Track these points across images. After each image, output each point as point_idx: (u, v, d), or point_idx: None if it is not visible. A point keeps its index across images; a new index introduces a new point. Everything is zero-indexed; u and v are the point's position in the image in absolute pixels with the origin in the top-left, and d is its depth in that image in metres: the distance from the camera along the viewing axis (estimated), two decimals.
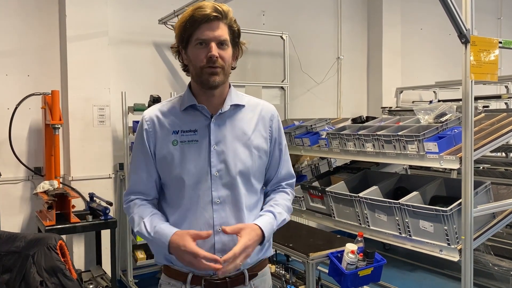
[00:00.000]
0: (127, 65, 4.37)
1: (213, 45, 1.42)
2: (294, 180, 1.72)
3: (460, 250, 2.36)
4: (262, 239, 1.48)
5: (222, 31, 1.44)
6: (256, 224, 1.48)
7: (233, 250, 1.38)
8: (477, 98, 4.39)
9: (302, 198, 3.46)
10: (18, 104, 3.75)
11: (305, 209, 3.48)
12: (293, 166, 4.25)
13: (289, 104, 5.19)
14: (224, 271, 1.37)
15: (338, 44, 5.74)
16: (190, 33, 1.44)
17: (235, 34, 1.49)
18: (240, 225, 1.46)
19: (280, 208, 1.58)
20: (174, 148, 1.48)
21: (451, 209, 2.40)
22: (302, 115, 5.20)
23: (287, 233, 2.97)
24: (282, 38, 5.12)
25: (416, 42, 6.21)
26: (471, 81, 2.23)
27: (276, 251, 3.19)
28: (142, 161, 1.52)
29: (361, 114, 5.32)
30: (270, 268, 3.21)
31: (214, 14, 1.41)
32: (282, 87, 5.20)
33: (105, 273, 3.77)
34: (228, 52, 1.46)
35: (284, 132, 1.70)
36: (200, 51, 1.43)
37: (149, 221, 1.46)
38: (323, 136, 3.48)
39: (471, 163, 2.27)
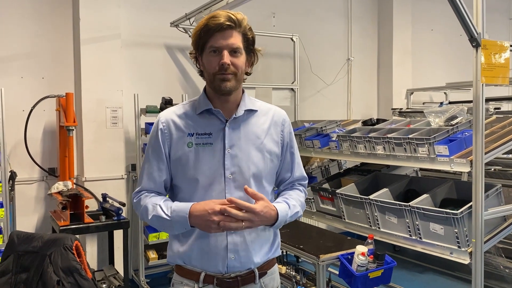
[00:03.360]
0: (139, 67, 4.43)
1: (225, 53, 1.46)
2: (307, 181, 1.77)
3: (470, 253, 2.36)
4: (273, 222, 1.51)
5: (235, 39, 1.47)
6: (275, 206, 1.51)
7: (242, 202, 1.41)
8: (488, 100, 4.36)
9: (312, 200, 3.48)
10: (34, 106, 3.83)
11: (315, 210, 3.50)
12: (303, 167, 4.28)
13: (299, 105, 5.20)
14: (224, 223, 1.39)
15: (348, 45, 5.74)
16: (205, 41, 1.48)
17: (249, 42, 1.53)
18: (262, 195, 1.48)
19: (294, 201, 1.62)
20: (189, 150, 1.52)
21: (461, 212, 2.41)
22: (312, 116, 5.21)
23: (297, 235, 2.99)
24: (292, 40, 5.15)
25: (427, 42, 6.19)
26: (482, 84, 2.24)
27: (286, 252, 3.22)
28: (155, 161, 1.56)
29: (371, 115, 5.35)
30: (280, 269, 3.24)
31: (227, 23, 1.45)
32: (292, 89, 5.22)
33: (118, 272, 3.82)
34: (241, 60, 1.50)
35: (295, 134, 1.73)
36: (213, 58, 1.48)
37: (164, 204, 1.49)
38: (334, 138, 3.50)
39: (482, 166, 2.27)
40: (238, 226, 1.41)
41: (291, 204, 1.59)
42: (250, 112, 1.59)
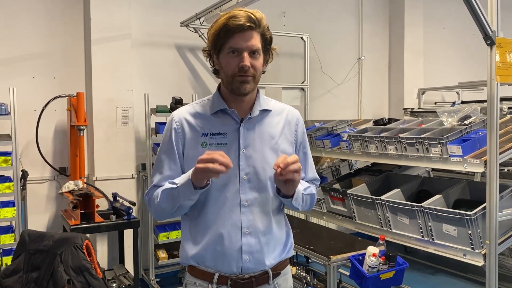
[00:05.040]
0: (150, 67, 4.44)
1: (246, 54, 1.44)
2: (319, 182, 1.75)
3: (484, 255, 2.32)
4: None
5: (255, 41, 1.45)
6: None
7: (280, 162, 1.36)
8: (502, 99, 4.30)
9: (323, 200, 3.45)
10: (45, 106, 3.86)
11: (325, 211, 3.47)
12: None
13: (309, 105, 5.18)
14: (285, 163, 1.34)
15: (359, 45, 5.70)
16: (224, 41, 1.45)
17: (267, 42, 1.51)
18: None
19: (306, 184, 1.61)
20: (203, 150, 1.49)
21: (475, 213, 2.37)
22: (323, 116, 5.18)
23: (308, 235, 2.97)
24: (302, 39, 5.12)
25: (439, 42, 6.12)
26: (497, 83, 2.20)
27: (297, 253, 3.20)
28: (167, 160, 1.54)
29: (383, 115, 5.29)
30: (291, 269, 3.22)
31: (248, 24, 1.42)
32: (302, 88, 5.20)
33: (128, 272, 3.84)
34: (259, 61, 1.48)
35: None
36: (232, 59, 1.45)
37: (172, 181, 1.48)
38: (344, 138, 3.47)
39: (496, 167, 2.23)
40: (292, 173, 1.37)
41: (303, 182, 1.58)
42: (265, 112, 1.58)
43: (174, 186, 1.45)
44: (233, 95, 1.52)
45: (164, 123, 3.74)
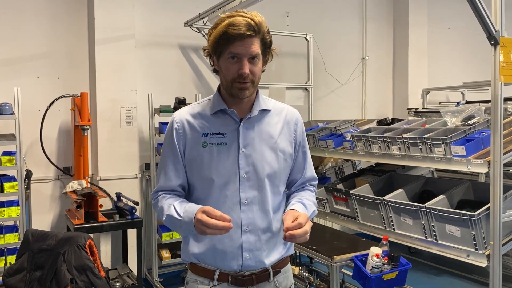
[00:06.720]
0: (153, 67, 4.45)
1: (245, 62, 1.44)
2: (317, 182, 1.77)
3: (488, 256, 2.32)
4: None
5: (255, 47, 1.45)
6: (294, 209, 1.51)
7: (294, 226, 1.39)
8: (506, 99, 4.28)
9: (326, 200, 3.45)
10: (49, 106, 3.87)
11: (329, 211, 3.47)
12: (317, 168, 4.26)
13: (313, 105, 5.16)
14: (292, 235, 1.37)
15: (363, 45, 5.68)
16: (223, 48, 1.46)
17: (266, 45, 1.51)
18: (287, 214, 1.46)
19: (308, 200, 1.62)
20: (204, 150, 1.53)
21: (479, 214, 2.36)
22: (326, 116, 5.17)
23: (311, 235, 2.95)
24: (306, 39, 5.11)
25: (443, 41, 6.09)
26: (501, 83, 2.19)
27: (299, 253, 3.20)
28: (171, 160, 1.57)
29: (386, 115, 5.28)
30: (293, 270, 3.23)
31: (248, 33, 1.42)
32: (306, 88, 5.19)
33: (131, 271, 3.84)
34: (258, 66, 1.50)
35: (308, 134, 1.72)
36: (232, 65, 1.46)
37: (179, 205, 1.48)
38: (348, 138, 3.46)
39: (500, 167, 2.22)
40: (305, 237, 1.42)
41: (307, 204, 1.59)
42: (264, 111, 1.59)
43: (179, 218, 1.45)
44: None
45: (168, 123, 3.75)
